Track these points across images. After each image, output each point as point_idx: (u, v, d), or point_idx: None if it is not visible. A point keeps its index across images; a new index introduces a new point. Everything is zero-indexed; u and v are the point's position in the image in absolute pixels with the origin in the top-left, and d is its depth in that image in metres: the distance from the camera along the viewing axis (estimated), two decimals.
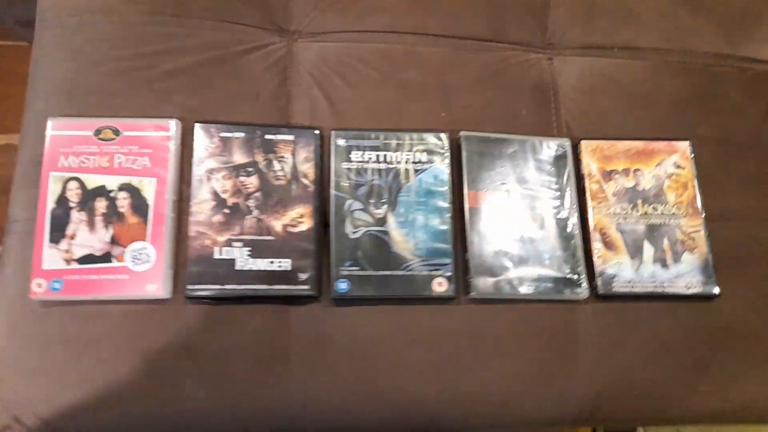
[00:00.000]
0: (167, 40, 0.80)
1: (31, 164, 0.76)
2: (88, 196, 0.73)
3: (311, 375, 0.74)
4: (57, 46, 0.80)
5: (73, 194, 0.73)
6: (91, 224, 0.73)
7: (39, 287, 0.70)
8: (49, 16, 0.82)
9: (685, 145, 0.85)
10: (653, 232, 0.81)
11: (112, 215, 0.73)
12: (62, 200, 0.73)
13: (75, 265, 0.71)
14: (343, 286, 0.74)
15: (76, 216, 0.73)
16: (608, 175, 0.83)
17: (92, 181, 0.74)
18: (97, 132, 0.75)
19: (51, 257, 0.71)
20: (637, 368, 0.78)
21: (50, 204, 0.73)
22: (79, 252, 0.72)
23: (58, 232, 0.72)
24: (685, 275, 0.80)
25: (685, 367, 0.79)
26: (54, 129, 0.75)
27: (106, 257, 0.72)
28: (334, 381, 0.74)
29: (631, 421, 0.85)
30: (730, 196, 0.85)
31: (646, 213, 0.82)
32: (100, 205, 0.73)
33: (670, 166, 0.84)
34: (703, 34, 0.91)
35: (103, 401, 0.70)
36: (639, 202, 0.82)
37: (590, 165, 0.83)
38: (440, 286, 0.75)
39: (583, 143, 0.84)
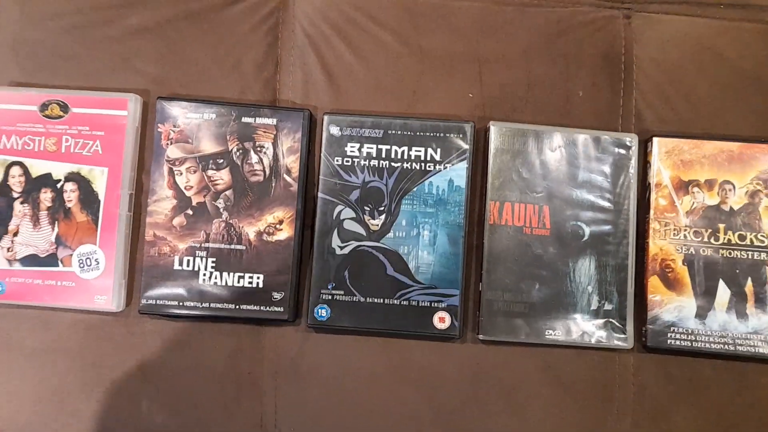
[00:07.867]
0: None
1: None
2: (33, 186, 0.62)
3: (284, 406, 0.63)
4: None
5: (16, 182, 0.62)
6: (35, 219, 0.62)
7: None
8: None
9: None
10: (735, 270, 0.62)
11: (58, 210, 0.62)
12: (4, 189, 0.62)
13: (18, 266, 0.62)
14: (322, 313, 0.61)
15: (20, 209, 0.62)
16: (684, 187, 0.63)
17: (37, 167, 0.62)
18: (44, 107, 0.62)
19: None
20: None
21: None
22: (22, 251, 0.62)
23: (1, 226, 0.62)
24: (766, 331, 0.61)
25: None
26: None
27: (51, 260, 0.62)
28: (310, 416, 0.63)
29: None
30: None
31: (729, 242, 0.62)
32: (46, 197, 0.62)
33: None
34: None
35: (55, 414, 0.63)
36: (722, 227, 0.62)
37: (662, 172, 0.63)
38: (442, 322, 0.61)
39: (656, 140, 0.63)
